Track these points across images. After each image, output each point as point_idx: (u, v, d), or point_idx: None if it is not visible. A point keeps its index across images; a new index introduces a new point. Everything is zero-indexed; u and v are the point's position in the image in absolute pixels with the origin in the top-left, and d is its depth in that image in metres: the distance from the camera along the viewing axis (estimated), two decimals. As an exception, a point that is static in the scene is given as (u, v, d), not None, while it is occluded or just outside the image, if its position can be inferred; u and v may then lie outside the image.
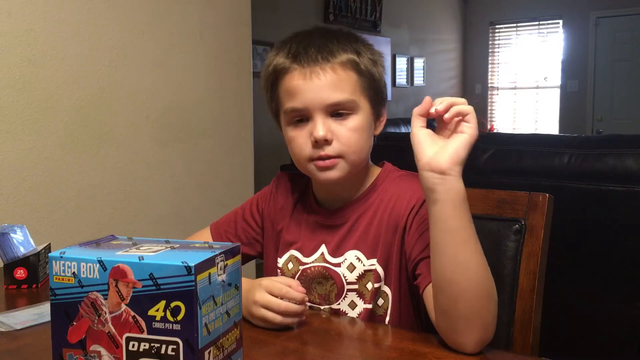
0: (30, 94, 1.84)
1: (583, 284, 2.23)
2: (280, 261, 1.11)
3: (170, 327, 0.64)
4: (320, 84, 0.97)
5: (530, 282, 1.09)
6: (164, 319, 0.64)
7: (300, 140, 1.00)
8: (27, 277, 1.23)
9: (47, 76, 1.88)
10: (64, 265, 0.68)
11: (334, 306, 1.05)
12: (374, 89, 1.03)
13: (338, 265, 1.05)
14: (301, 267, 1.08)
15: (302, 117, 1.00)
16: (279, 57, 1.02)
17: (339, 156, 0.99)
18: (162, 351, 0.64)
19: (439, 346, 0.88)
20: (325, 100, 0.97)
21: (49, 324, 0.69)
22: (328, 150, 0.98)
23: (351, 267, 1.03)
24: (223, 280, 0.69)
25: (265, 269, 1.16)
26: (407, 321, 1.04)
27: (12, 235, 1.27)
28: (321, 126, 0.97)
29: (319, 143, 0.98)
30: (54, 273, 0.68)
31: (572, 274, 2.17)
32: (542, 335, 1.12)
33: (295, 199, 1.14)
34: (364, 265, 1.03)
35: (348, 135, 0.99)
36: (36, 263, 1.24)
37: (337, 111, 0.99)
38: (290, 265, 1.09)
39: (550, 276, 1.13)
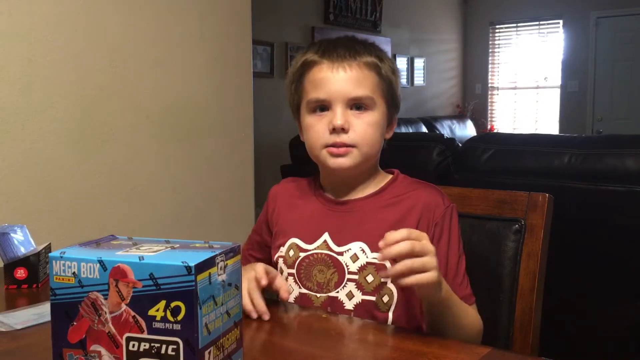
0: (30, 94, 1.84)
1: (583, 283, 2.23)
2: (283, 249, 1.13)
3: (171, 327, 0.64)
4: (345, 77, 1.05)
5: (530, 282, 1.09)
6: (164, 319, 0.64)
7: (318, 127, 1.07)
8: (27, 277, 1.22)
9: (47, 76, 1.88)
10: (64, 265, 0.68)
11: (332, 294, 1.07)
12: (391, 94, 1.10)
13: (341, 254, 1.07)
14: (302, 254, 1.10)
15: (324, 107, 1.07)
16: (309, 54, 1.10)
17: (352, 145, 1.05)
18: (162, 351, 0.65)
19: (439, 346, 0.88)
20: (347, 94, 1.05)
21: (49, 324, 0.69)
22: (344, 138, 1.04)
23: (354, 258, 1.06)
24: (223, 280, 0.69)
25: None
26: (412, 321, 1.05)
27: (12, 235, 1.27)
28: (340, 115, 1.04)
29: (336, 130, 1.04)
30: (54, 273, 0.68)
31: (572, 274, 2.17)
32: (542, 335, 1.12)
33: (298, 194, 1.17)
34: (367, 257, 1.05)
35: (364, 127, 1.05)
36: (36, 263, 1.24)
37: (356, 105, 1.06)
38: (292, 253, 1.12)
39: (550, 276, 1.13)
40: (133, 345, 0.66)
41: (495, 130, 7.51)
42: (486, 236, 1.03)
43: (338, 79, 1.05)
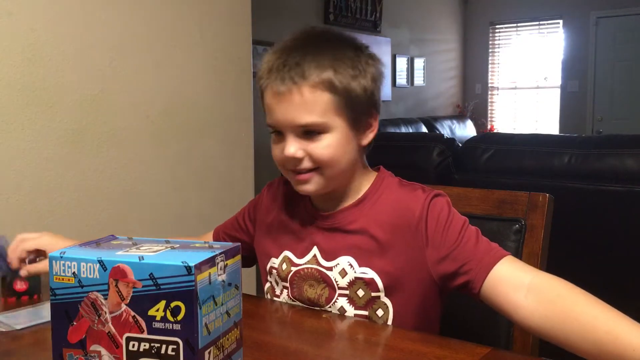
0: (30, 94, 1.84)
1: (583, 284, 2.23)
2: (276, 262, 1.11)
3: (171, 327, 0.64)
4: (289, 106, 0.97)
5: (530, 282, 1.09)
6: (164, 319, 0.64)
7: (277, 152, 1.02)
8: (28, 289, 1.16)
9: (47, 76, 1.88)
10: (64, 265, 0.68)
11: (325, 309, 1.05)
12: (351, 107, 1.00)
13: (330, 269, 1.04)
14: (293, 268, 1.08)
15: (279, 132, 1.01)
16: (262, 68, 1.02)
17: (313, 169, 1.00)
18: (162, 351, 0.65)
19: (439, 346, 0.88)
20: (294, 121, 0.97)
21: (49, 324, 0.70)
22: (305, 165, 1.00)
23: (343, 273, 1.03)
24: (223, 280, 0.69)
25: (261, 269, 1.17)
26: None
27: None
28: (291, 146, 0.98)
29: (289, 160, 0.99)
30: (54, 273, 0.68)
31: (572, 274, 2.17)
32: (542, 335, 1.12)
33: (288, 200, 1.14)
34: (355, 272, 1.02)
35: (320, 152, 0.99)
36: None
37: (307, 131, 0.98)
38: (284, 266, 1.09)
39: (550, 276, 1.13)
40: (133, 345, 0.66)
41: (495, 130, 7.51)
42: (486, 236, 1.03)
43: (282, 108, 0.97)
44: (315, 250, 1.06)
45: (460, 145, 2.75)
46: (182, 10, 2.26)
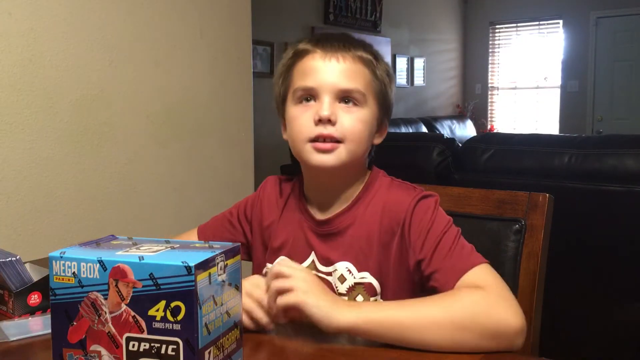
0: (30, 94, 1.84)
1: (583, 284, 2.23)
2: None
3: (171, 327, 0.64)
4: (337, 67, 1.00)
5: (530, 282, 1.09)
6: (164, 319, 0.64)
7: (302, 119, 1.00)
8: (41, 303, 1.08)
9: (47, 76, 1.88)
10: (64, 265, 0.68)
11: None
12: (383, 95, 1.04)
13: (329, 274, 1.03)
14: None
15: (310, 98, 1.00)
16: (301, 43, 1.06)
17: (339, 141, 0.98)
18: (162, 351, 0.65)
19: (439, 346, 0.88)
20: (337, 84, 0.99)
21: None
22: (330, 131, 0.98)
23: (342, 279, 1.02)
24: (223, 280, 0.69)
25: (254, 272, 1.15)
26: None
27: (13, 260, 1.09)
28: (327, 106, 0.98)
29: (322, 121, 0.98)
30: (54, 273, 0.68)
31: (572, 274, 2.17)
32: (542, 335, 1.12)
33: (283, 204, 1.12)
34: (354, 277, 1.01)
35: (352, 122, 0.99)
36: None
37: (345, 98, 1.00)
38: None
39: (550, 276, 1.13)
40: (133, 345, 0.66)
41: (495, 130, 7.51)
42: (486, 236, 1.03)
43: (329, 69, 0.99)
44: (312, 256, 1.06)
45: (460, 145, 2.75)
46: (182, 10, 2.26)
